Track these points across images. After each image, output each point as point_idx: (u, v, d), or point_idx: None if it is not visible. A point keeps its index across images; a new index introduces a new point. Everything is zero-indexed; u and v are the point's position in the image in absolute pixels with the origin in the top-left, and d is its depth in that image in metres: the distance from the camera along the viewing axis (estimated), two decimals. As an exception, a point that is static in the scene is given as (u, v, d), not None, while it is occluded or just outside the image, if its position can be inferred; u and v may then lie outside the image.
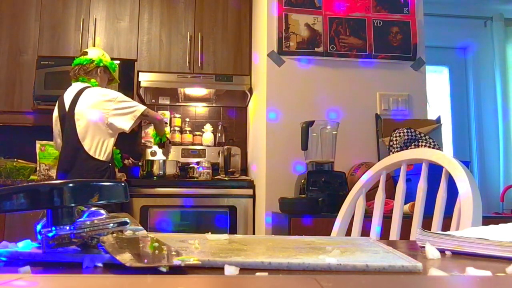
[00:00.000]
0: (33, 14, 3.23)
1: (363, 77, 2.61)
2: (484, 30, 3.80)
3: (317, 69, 2.59)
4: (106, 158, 2.38)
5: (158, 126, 2.68)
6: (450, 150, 3.69)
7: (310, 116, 2.37)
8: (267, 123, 2.54)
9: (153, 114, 2.58)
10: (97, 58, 2.53)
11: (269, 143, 2.52)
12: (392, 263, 0.52)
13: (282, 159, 2.47)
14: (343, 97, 2.58)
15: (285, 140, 2.48)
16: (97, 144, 2.35)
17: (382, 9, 2.65)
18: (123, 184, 0.61)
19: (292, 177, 2.41)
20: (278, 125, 2.52)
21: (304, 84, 2.57)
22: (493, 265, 0.57)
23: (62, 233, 0.53)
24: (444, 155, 1.15)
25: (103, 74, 2.57)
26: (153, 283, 0.40)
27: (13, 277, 0.40)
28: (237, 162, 3.42)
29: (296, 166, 2.42)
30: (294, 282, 0.42)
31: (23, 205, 0.53)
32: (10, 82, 3.19)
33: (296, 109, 2.52)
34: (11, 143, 3.30)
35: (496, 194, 3.47)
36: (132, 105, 2.46)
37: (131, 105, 2.46)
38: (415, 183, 1.22)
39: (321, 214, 2.03)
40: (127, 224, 0.59)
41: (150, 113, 2.54)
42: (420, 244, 0.70)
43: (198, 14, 3.35)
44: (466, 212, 0.98)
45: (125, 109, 2.42)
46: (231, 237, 0.73)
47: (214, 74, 3.27)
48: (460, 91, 3.83)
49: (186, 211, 2.86)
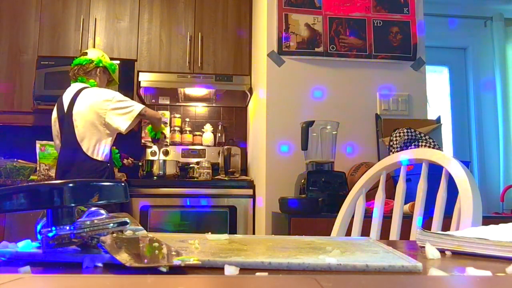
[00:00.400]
0: (33, 14, 3.23)
1: (363, 77, 2.61)
2: (484, 30, 3.80)
3: (317, 69, 2.59)
4: (104, 158, 2.38)
5: (156, 124, 2.66)
6: (450, 150, 3.69)
7: (310, 116, 2.37)
8: (267, 123, 2.54)
9: (151, 113, 2.57)
10: (97, 58, 2.53)
11: (269, 143, 2.52)
12: (392, 263, 0.52)
13: (282, 159, 2.48)
14: (343, 97, 2.58)
15: (285, 140, 2.48)
16: (95, 145, 2.35)
17: (382, 9, 2.65)
18: (123, 184, 0.61)
19: (292, 177, 2.41)
20: (278, 125, 2.52)
21: (304, 84, 2.57)
22: (493, 265, 0.57)
23: (62, 233, 0.53)
24: (444, 155, 1.15)
25: (102, 75, 2.56)
26: (153, 283, 0.40)
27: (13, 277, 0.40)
28: (237, 162, 3.42)
29: (296, 166, 2.42)
30: (294, 282, 0.42)
31: (23, 205, 0.53)
32: (10, 82, 3.19)
33: (296, 109, 2.52)
34: (11, 143, 3.30)
35: (496, 194, 3.47)
36: (129, 105, 2.44)
37: (128, 104, 2.44)
38: (415, 183, 1.22)
39: (321, 214, 2.03)
40: (127, 224, 0.59)
41: (148, 112, 2.52)
42: (420, 244, 0.70)
43: (198, 14, 3.35)
44: (466, 212, 0.98)
45: (122, 109, 2.41)
46: (231, 237, 0.73)
47: (214, 74, 3.27)
48: (460, 91, 3.83)
49: (186, 211, 2.86)
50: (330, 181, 2.19)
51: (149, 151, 3.43)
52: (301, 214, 2.01)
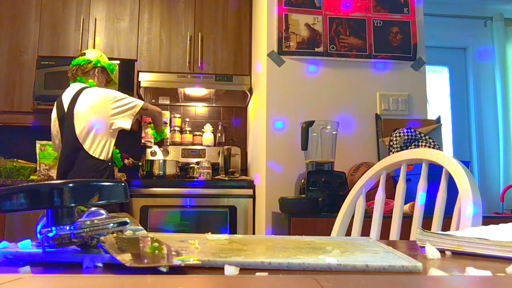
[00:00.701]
0: (33, 14, 3.23)
1: (363, 77, 2.61)
2: (484, 30, 3.80)
3: (317, 69, 2.59)
4: (106, 157, 2.38)
5: (158, 119, 2.70)
6: (450, 150, 3.69)
7: (310, 116, 2.37)
8: (267, 123, 2.54)
9: (152, 108, 2.62)
10: (95, 58, 2.54)
11: (269, 143, 2.52)
12: (392, 263, 0.52)
13: (282, 159, 2.48)
14: (343, 97, 2.58)
15: (285, 140, 2.48)
16: (97, 144, 2.36)
17: (382, 9, 2.65)
18: (123, 184, 0.61)
19: (292, 177, 2.40)
20: (278, 125, 2.52)
21: (304, 84, 2.57)
22: (493, 265, 0.57)
23: (62, 233, 0.53)
24: (444, 155, 1.15)
25: (100, 75, 2.57)
26: (153, 283, 0.40)
27: (13, 277, 0.40)
28: (237, 162, 3.42)
29: (296, 166, 2.42)
30: (294, 282, 0.42)
31: (23, 205, 0.53)
32: (10, 82, 3.19)
33: (296, 109, 2.52)
34: (11, 143, 3.30)
35: (496, 194, 3.47)
36: (130, 101, 2.47)
37: (129, 101, 2.47)
38: (415, 183, 1.22)
39: (321, 214, 2.03)
40: (127, 224, 0.59)
41: (150, 107, 2.58)
42: (420, 244, 0.70)
43: (198, 14, 3.35)
44: (466, 212, 0.98)
45: (124, 106, 2.43)
46: (231, 237, 0.73)
47: (214, 74, 3.27)
48: (460, 91, 3.83)
49: (186, 211, 2.86)
50: (330, 181, 2.19)
51: (149, 151, 3.43)
52: (301, 214, 2.01)
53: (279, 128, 2.51)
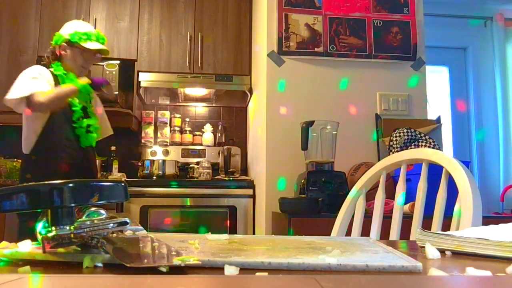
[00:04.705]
0: (33, 14, 3.23)
1: (363, 77, 2.61)
2: (484, 30, 3.80)
3: (317, 69, 2.59)
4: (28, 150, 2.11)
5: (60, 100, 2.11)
6: (450, 150, 3.68)
7: (310, 116, 2.37)
8: (267, 123, 2.53)
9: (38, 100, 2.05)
10: (54, 39, 2.22)
11: (269, 143, 2.52)
12: (392, 263, 0.52)
13: (282, 159, 2.47)
14: (343, 97, 2.58)
15: (285, 140, 2.48)
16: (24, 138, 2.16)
17: (382, 9, 2.65)
18: (123, 184, 0.61)
19: (292, 177, 2.40)
20: (278, 125, 2.52)
21: (304, 84, 2.57)
22: (493, 265, 0.57)
23: (62, 233, 0.53)
24: (444, 155, 1.14)
25: (69, 51, 2.20)
26: (153, 283, 0.40)
27: (13, 277, 0.40)
28: (237, 162, 3.42)
29: (296, 166, 2.42)
30: (294, 282, 0.42)
31: (23, 205, 0.53)
32: (10, 82, 3.18)
33: (296, 109, 2.52)
34: (11, 143, 3.30)
35: (496, 194, 3.47)
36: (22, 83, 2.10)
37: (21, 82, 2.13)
38: (415, 183, 1.22)
39: (321, 214, 2.03)
40: (127, 224, 0.59)
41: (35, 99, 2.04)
42: (420, 244, 0.70)
43: (198, 14, 3.35)
44: (466, 212, 0.98)
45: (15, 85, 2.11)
46: (231, 237, 0.73)
47: (214, 74, 3.27)
48: (460, 91, 3.82)
49: (186, 211, 2.86)
50: (330, 181, 2.19)
51: (149, 151, 3.43)
52: (301, 214, 2.01)
53: (279, 128, 2.51)
